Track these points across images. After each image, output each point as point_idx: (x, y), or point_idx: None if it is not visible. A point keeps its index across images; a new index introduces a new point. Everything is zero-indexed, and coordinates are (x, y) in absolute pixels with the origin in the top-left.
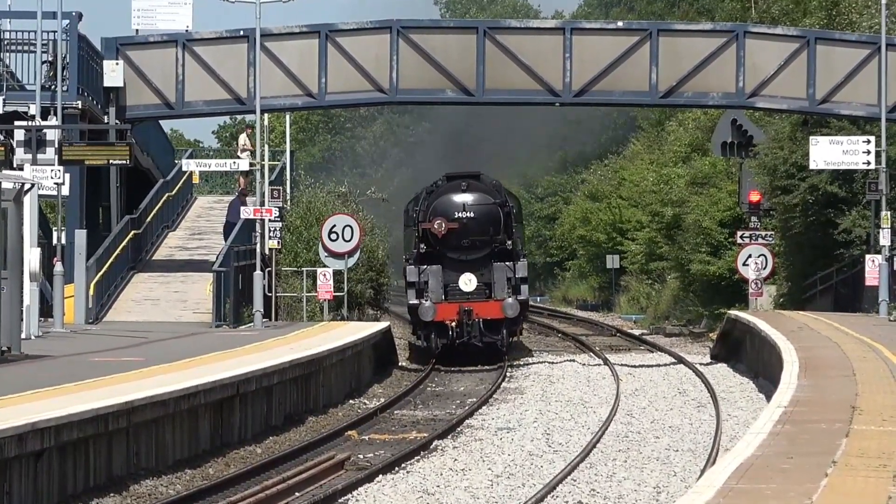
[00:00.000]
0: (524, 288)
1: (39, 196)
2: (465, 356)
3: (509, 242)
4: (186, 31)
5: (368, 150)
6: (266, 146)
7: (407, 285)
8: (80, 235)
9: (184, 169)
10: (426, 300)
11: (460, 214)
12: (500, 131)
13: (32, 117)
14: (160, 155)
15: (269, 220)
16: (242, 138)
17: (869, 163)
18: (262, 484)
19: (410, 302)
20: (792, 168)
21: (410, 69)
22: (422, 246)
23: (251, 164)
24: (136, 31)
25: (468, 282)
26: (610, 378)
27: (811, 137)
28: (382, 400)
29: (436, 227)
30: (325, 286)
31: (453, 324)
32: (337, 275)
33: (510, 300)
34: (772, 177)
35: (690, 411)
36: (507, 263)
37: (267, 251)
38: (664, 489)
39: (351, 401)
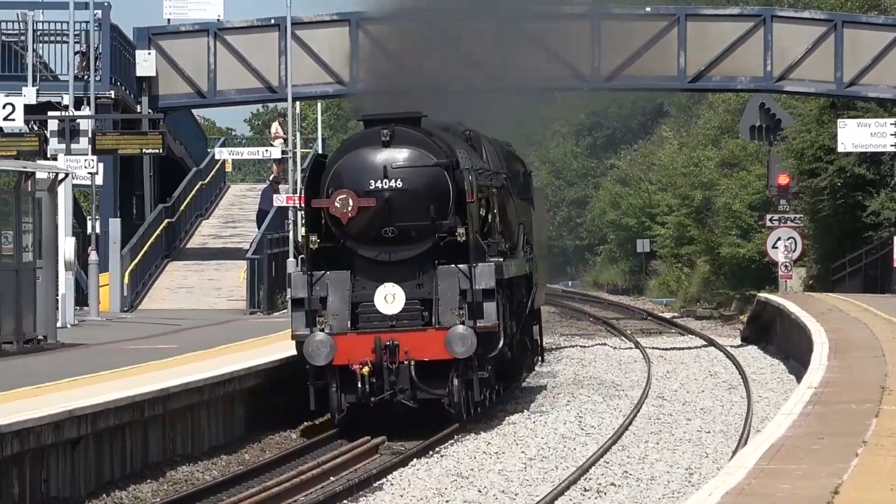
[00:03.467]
0: (490, 308)
1: (73, 185)
2: (397, 420)
3: (461, 231)
4: (218, 20)
5: None
6: (298, 134)
7: (292, 305)
8: (115, 224)
9: (216, 157)
10: (321, 329)
11: (379, 184)
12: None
13: (66, 107)
14: (192, 144)
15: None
16: (274, 126)
17: None
18: (297, 469)
19: (295, 333)
20: (820, 151)
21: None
22: (314, 238)
23: (283, 152)
24: (168, 20)
25: (391, 298)
26: (641, 361)
27: (839, 120)
28: None
29: (337, 205)
30: None
31: (365, 370)
32: None
33: (460, 329)
34: (800, 160)
35: (721, 393)
36: (460, 267)
37: (300, 238)
38: (696, 470)
39: None
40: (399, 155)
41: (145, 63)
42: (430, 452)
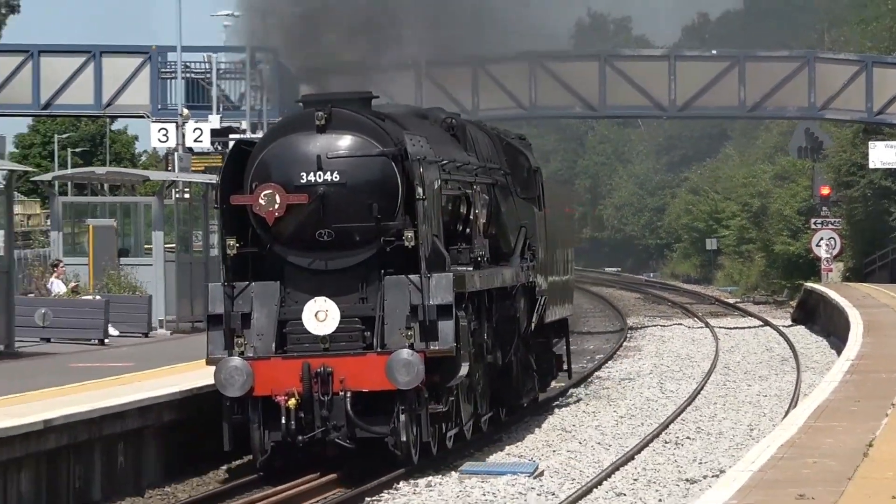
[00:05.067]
0: (446, 327)
1: None
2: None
3: (409, 234)
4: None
5: None
6: None
7: (208, 322)
8: None
9: None
10: (239, 353)
11: (311, 177)
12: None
13: (244, 131)
14: None
15: None
16: None
17: None
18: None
19: (211, 357)
20: (854, 167)
21: (546, 88)
22: (230, 243)
23: None
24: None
25: (322, 315)
26: (710, 338)
27: (870, 142)
28: None
29: (261, 202)
30: None
31: (291, 402)
32: None
33: (404, 355)
34: (838, 174)
35: (776, 364)
36: (411, 278)
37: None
38: (756, 427)
39: None
40: (337, 142)
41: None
42: (542, 412)
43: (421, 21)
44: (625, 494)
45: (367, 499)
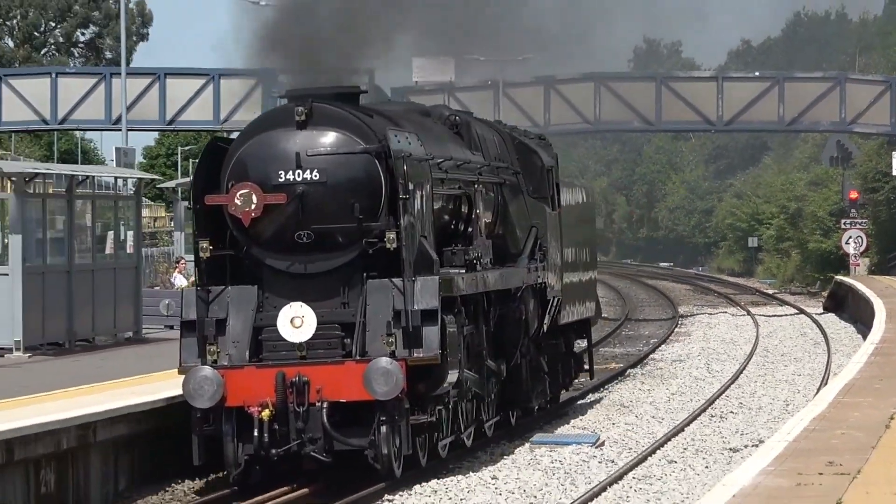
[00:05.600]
0: (430, 333)
1: None
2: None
3: (392, 236)
4: (450, 81)
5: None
6: None
7: (181, 328)
8: None
9: None
10: (213, 361)
11: (290, 176)
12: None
13: None
14: None
15: None
16: None
17: None
18: None
19: (184, 365)
20: (879, 175)
21: (609, 106)
22: (203, 245)
23: None
24: (416, 82)
25: (297, 321)
26: (752, 324)
27: (893, 153)
28: None
29: (237, 202)
30: None
31: (265, 414)
32: None
33: (382, 363)
34: (864, 181)
35: (809, 347)
36: (395, 282)
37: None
38: (791, 402)
39: None
40: (317, 139)
41: None
42: (601, 389)
43: (497, 49)
44: (676, 462)
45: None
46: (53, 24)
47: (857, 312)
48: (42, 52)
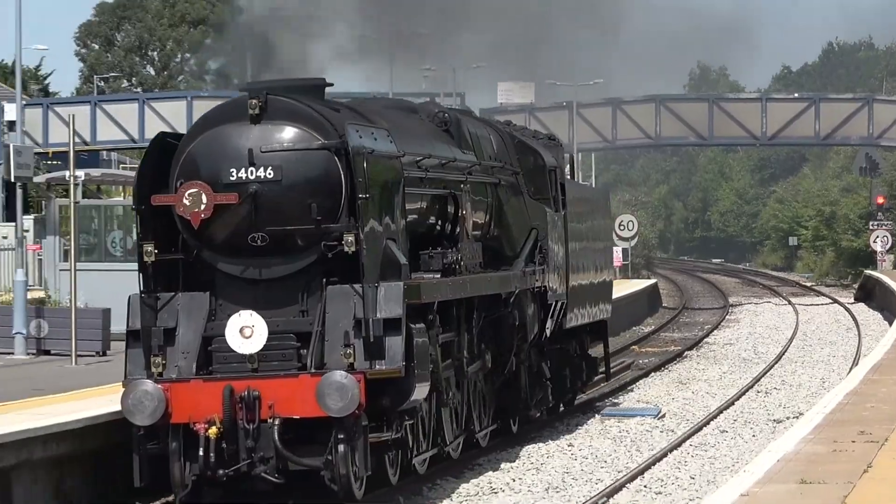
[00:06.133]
0: (394, 343)
1: None
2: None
3: (350, 238)
4: (531, 103)
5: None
6: None
7: (126, 338)
8: None
9: None
10: (158, 374)
11: (243, 174)
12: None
13: None
14: None
15: None
16: None
17: None
18: None
19: (128, 378)
20: None
21: (668, 123)
22: (148, 249)
23: None
24: (501, 103)
25: (247, 330)
26: (792, 312)
27: None
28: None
29: (186, 203)
30: (617, 260)
31: (212, 431)
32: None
33: (336, 377)
34: (890, 187)
35: (842, 332)
36: (356, 288)
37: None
38: (827, 380)
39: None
40: (272, 134)
41: None
42: (662, 368)
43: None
44: (727, 431)
45: None
46: (188, 56)
47: (883, 302)
48: (179, 79)
